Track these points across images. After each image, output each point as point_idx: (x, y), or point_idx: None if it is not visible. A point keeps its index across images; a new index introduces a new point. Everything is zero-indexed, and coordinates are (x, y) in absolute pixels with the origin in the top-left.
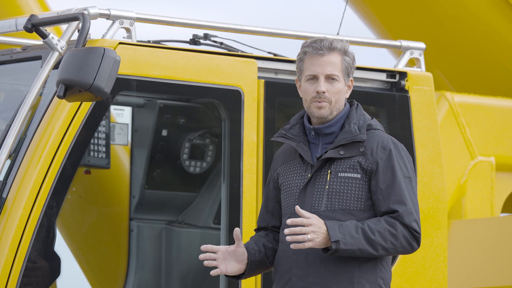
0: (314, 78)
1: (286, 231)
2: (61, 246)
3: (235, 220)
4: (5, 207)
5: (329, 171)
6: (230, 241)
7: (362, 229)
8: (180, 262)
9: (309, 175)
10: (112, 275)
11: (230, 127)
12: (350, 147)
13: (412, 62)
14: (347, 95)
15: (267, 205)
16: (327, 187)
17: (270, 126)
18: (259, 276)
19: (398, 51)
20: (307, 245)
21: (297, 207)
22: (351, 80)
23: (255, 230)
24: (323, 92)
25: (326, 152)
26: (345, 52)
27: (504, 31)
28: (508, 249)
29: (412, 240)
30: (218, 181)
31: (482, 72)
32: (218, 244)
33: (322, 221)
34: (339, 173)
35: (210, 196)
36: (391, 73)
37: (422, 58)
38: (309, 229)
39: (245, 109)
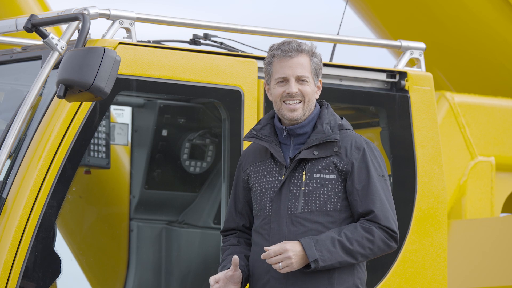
0: (284, 80)
1: (264, 255)
2: (61, 246)
3: None
4: (5, 207)
5: (304, 172)
6: None
7: (339, 241)
8: (180, 262)
9: (283, 176)
10: (112, 275)
11: (230, 127)
12: (323, 147)
13: (412, 62)
14: (317, 96)
15: (236, 206)
16: (303, 188)
17: None
18: None
19: (398, 51)
20: (283, 271)
21: (266, 249)
22: (320, 81)
23: (221, 232)
24: (295, 93)
25: (299, 153)
26: (312, 54)
27: (504, 31)
28: (508, 249)
29: (389, 240)
30: (218, 181)
31: (482, 72)
32: (218, 245)
33: (297, 242)
34: (315, 174)
35: (210, 196)
36: (391, 73)
37: (422, 58)
38: (281, 256)
39: (245, 109)
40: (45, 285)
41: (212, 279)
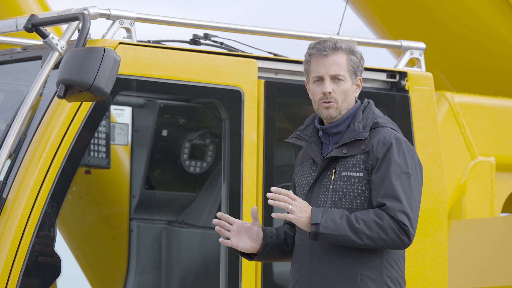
0: (320, 79)
1: (269, 194)
2: (61, 246)
3: None
4: (5, 207)
5: (333, 171)
6: None
7: (347, 217)
8: (180, 262)
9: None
10: (112, 275)
11: (230, 127)
12: (352, 146)
13: (412, 62)
14: (356, 94)
15: None
16: (331, 186)
17: (270, 126)
18: (259, 276)
19: (398, 51)
20: (289, 216)
21: (273, 188)
22: (360, 79)
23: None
24: (329, 93)
25: (330, 152)
26: (350, 52)
27: (504, 31)
28: (508, 249)
29: (401, 233)
30: (218, 181)
31: (482, 72)
32: (219, 246)
33: (309, 205)
34: (343, 172)
35: (210, 196)
36: (391, 73)
37: (422, 58)
38: (292, 202)
39: (245, 109)
40: (45, 285)
41: (222, 215)
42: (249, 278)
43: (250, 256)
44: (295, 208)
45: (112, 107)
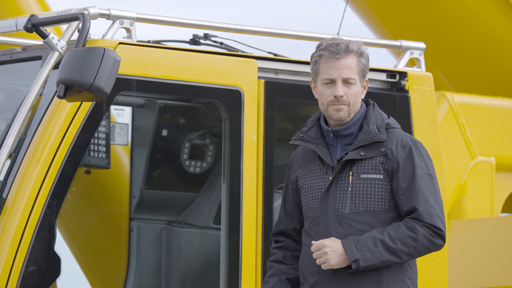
0: (332, 82)
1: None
2: (61, 246)
3: (235, 220)
4: (5, 207)
5: (350, 173)
6: (230, 241)
7: (381, 241)
8: (180, 262)
9: (330, 177)
10: (112, 275)
11: (230, 127)
12: (370, 148)
13: (412, 62)
14: (363, 96)
15: (286, 208)
16: (350, 189)
17: (270, 126)
18: (259, 276)
19: (398, 51)
20: (324, 267)
21: (313, 244)
22: (366, 81)
23: (271, 235)
24: (341, 96)
25: (346, 154)
26: (360, 54)
27: (504, 31)
28: (508, 249)
29: (435, 238)
30: (218, 181)
31: (482, 72)
32: (218, 244)
33: (339, 241)
34: (361, 175)
35: (210, 196)
36: (391, 73)
37: (422, 58)
38: (319, 252)
39: (245, 109)
40: (45, 285)
41: None
42: (249, 278)
43: None
44: (324, 258)
45: (112, 107)
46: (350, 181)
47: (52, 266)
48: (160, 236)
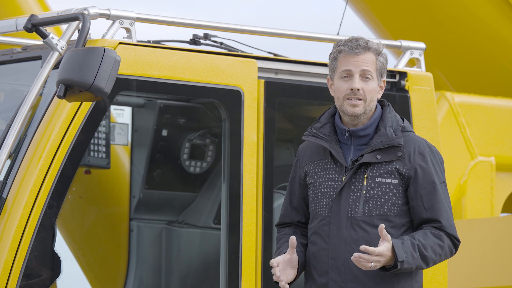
0: (349, 75)
1: (356, 255)
2: (61, 246)
3: (235, 220)
4: (5, 207)
5: (365, 176)
6: (230, 241)
7: (418, 247)
8: (180, 262)
9: (343, 178)
10: (112, 275)
11: (230, 127)
12: (387, 152)
13: (412, 62)
14: (379, 96)
15: (292, 201)
16: (364, 192)
17: (270, 126)
18: (259, 276)
19: (398, 51)
20: (367, 269)
21: (381, 227)
22: (384, 81)
23: (277, 225)
24: (358, 90)
25: (362, 156)
26: (379, 53)
27: (504, 31)
28: (508, 249)
29: (453, 248)
30: (218, 181)
31: (482, 72)
32: (218, 244)
33: (390, 247)
34: (376, 178)
35: (210, 196)
36: (391, 73)
37: (422, 58)
38: (375, 258)
39: (245, 109)
40: (45, 285)
41: (273, 261)
42: (249, 278)
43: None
44: (376, 264)
45: (112, 107)
46: (365, 183)
47: (52, 266)
48: (160, 236)
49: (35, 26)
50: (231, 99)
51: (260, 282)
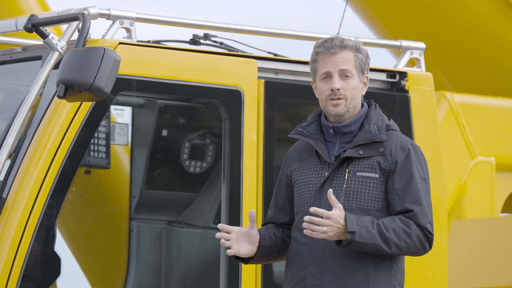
0: (328, 76)
1: (306, 218)
2: (61, 246)
3: (235, 220)
4: (5, 207)
5: (347, 170)
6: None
7: (377, 225)
8: (180, 262)
9: (326, 173)
10: (112, 275)
11: (230, 127)
12: (369, 147)
13: (412, 62)
14: (363, 92)
15: (278, 202)
16: (345, 186)
17: (270, 126)
18: (259, 276)
19: (398, 51)
20: (320, 236)
21: (330, 192)
22: (366, 77)
23: (262, 225)
24: (338, 89)
25: (345, 151)
26: (357, 49)
27: (504, 31)
28: (508, 249)
29: (425, 241)
30: (218, 181)
31: (482, 72)
32: (218, 245)
33: (343, 215)
34: (357, 172)
35: (210, 196)
36: (391, 73)
37: (422, 58)
38: (326, 222)
39: (245, 109)
40: (45, 285)
41: (222, 226)
42: (249, 278)
43: (245, 260)
44: (327, 228)
45: (112, 107)
46: (346, 178)
47: (52, 266)
48: (160, 236)
49: (35, 26)
50: (231, 99)
51: (260, 282)
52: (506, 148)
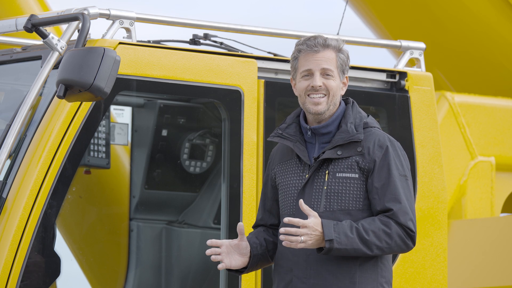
0: (310, 74)
1: (282, 230)
2: (61, 246)
3: (235, 220)
4: (5, 207)
5: (327, 172)
6: None
7: (356, 229)
8: (180, 262)
9: (306, 175)
10: (112, 275)
11: (230, 127)
12: (347, 147)
13: (412, 62)
14: (343, 92)
15: (265, 204)
16: (325, 187)
17: (270, 126)
18: (259, 276)
19: (398, 51)
20: (299, 246)
21: (301, 201)
22: (346, 77)
23: (253, 227)
24: (320, 86)
25: (323, 153)
26: (339, 50)
27: (504, 31)
28: (508, 249)
29: (407, 238)
30: (218, 181)
31: (482, 72)
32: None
33: (319, 222)
34: (337, 173)
35: (210, 196)
36: (391, 73)
37: (422, 58)
38: (303, 231)
39: (245, 109)
40: (45, 285)
41: (213, 241)
42: (249, 278)
43: (238, 271)
44: (305, 237)
45: (112, 107)
46: (326, 179)
47: (52, 266)
48: (160, 236)
49: (35, 26)
50: (231, 99)
51: (260, 282)
52: (506, 148)
